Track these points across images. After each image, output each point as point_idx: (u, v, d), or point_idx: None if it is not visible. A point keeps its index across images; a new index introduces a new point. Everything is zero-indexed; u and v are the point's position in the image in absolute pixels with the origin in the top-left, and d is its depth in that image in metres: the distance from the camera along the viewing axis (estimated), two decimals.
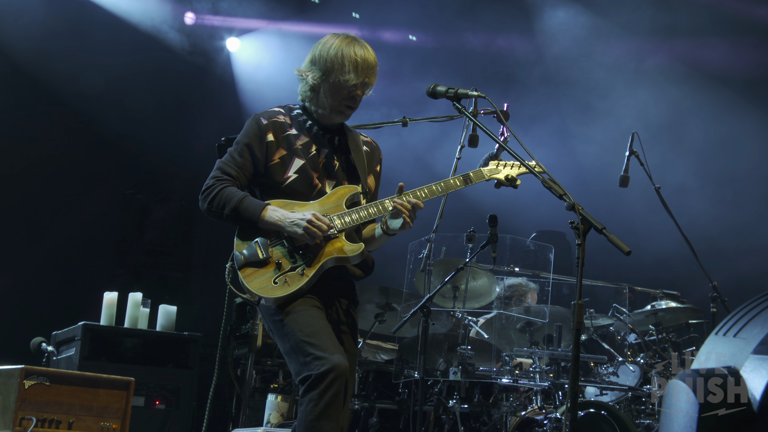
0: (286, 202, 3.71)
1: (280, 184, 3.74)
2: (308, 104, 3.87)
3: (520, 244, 6.77)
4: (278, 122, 3.81)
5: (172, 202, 9.20)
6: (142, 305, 6.59)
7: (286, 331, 3.54)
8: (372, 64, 3.79)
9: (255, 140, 3.76)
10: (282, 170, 3.74)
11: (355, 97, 3.80)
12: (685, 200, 8.60)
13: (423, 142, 9.61)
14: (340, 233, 3.69)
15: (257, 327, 6.18)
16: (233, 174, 3.72)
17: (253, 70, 9.94)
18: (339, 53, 3.74)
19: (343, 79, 3.74)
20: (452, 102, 3.83)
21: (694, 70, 9.36)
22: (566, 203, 3.32)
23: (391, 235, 3.80)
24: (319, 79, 3.78)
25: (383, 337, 7.23)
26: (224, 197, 3.65)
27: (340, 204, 3.74)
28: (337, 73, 3.74)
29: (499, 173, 3.94)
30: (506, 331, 6.60)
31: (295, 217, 3.60)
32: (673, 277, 8.25)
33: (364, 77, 3.77)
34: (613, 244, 3.22)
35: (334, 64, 3.74)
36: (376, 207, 3.73)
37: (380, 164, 4.06)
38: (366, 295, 6.48)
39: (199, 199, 3.72)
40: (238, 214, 3.63)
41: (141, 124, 9.06)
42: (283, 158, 3.76)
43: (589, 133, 9.74)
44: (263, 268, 3.61)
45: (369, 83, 3.82)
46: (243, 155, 3.75)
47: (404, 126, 5.45)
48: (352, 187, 3.80)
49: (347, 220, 3.70)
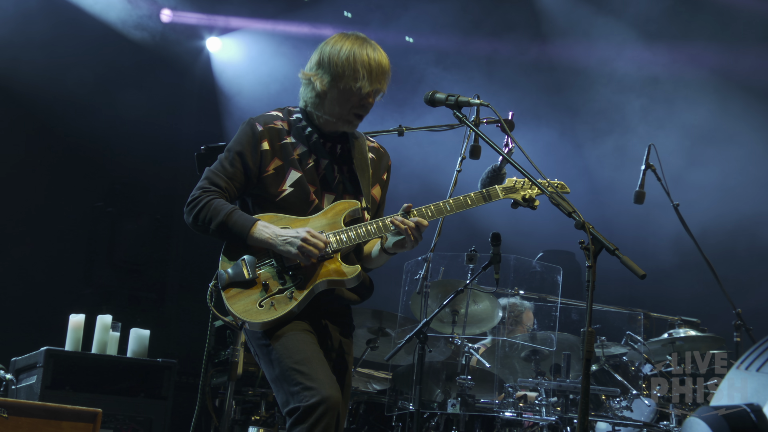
0: (278, 217, 3.70)
1: (274, 197, 3.73)
2: (311, 109, 3.83)
3: (526, 264, 6.79)
4: (275, 129, 3.79)
5: (146, 215, 9.20)
6: (111, 329, 6.58)
7: (274, 356, 3.54)
8: (386, 69, 3.77)
9: (248, 148, 3.73)
10: (277, 183, 3.73)
11: (366, 105, 3.78)
12: (706, 219, 8.63)
13: (420, 152, 9.65)
14: (336, 253, 3.68)
15: (238, 353, 6.17)
16: (222, 185, 3.71)
17: (236, 72, 9.97)
18: (351, 57, 3.69)
19: (355, 86, 3.69)
20: (452, 110, 3.85)
21: (721, 79, 9.41)
22: (575, 221, 3.35)
23: (390, 254, 3.80)
24: (327, 85, 3.73)
25: (375, 365, 7.23)
26: (211, 210, 3.64)
27: (337, 221, 3.73)
28: (348, 80, 3.69)
29: (517, 193, 3.90)
30: (510, 359, 6.61)
31: (287, 234, 3.59)
32: (692, 303, 8.28)
33: (377, 84, 3.74)
34: (626, 266, 3.24)
35: (346, 69, 3.69)
36: (377, 225, 3.72)
37: (388, 172, 4.03)
38: (357, 319, 6.49)
39: (185, 211, 3.71)
40: (226, 229, 3.62)
41: (112, 130, 9.05)
42: (279, 169, 3.74)
43: (601, 145, 9.79)
44: (249, 290, 3.61)
45: (381, 89, 3.79)
46: (234, 164, 3.73)
47: (400, 135, 5.48)
48: (352, 203, 3.78)
49: (344, 239, 3.69)
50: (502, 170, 4.98)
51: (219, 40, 9.96)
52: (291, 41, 9.57)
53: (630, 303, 7.23)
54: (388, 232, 3.72)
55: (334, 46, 3.75)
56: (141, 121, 9.28)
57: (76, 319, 6.51)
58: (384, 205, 4.03)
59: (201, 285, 3.71)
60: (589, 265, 3.24)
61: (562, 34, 9.97)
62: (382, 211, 4.03)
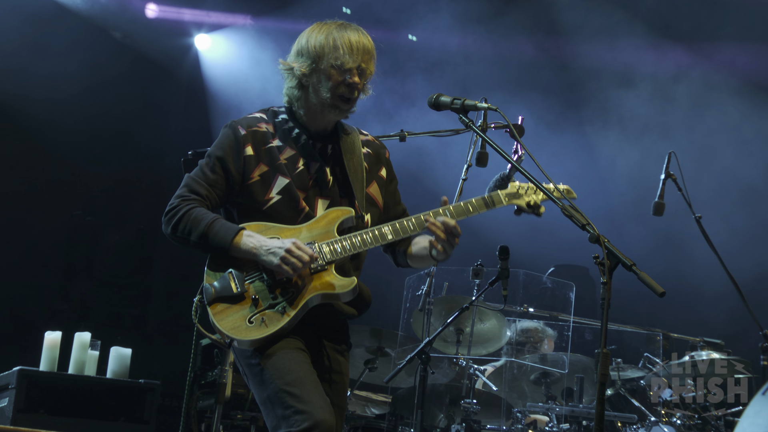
0: (266, 226, 3.69)
1: (261, 205, 3.71)
2: (296, 107, 3.84)
3: (536, 280, 6.80)
4: (259, 132, 3.78)
5: (129, 225, 9.23)
6: (90, 347, 6.57)
7: (264, 377, 3.54)
8: (369, 48, 3.78)
9: (230, 153, 3.73)
10: (263, 190, 3.72)
11: (352, 85, 3.74)
12: (731, 232, 8.64)
13: (422, 159, 9.66)
14: (330, 265, 3.67)
15: (226, 374, 6.17)
16: (203, 193, 3.69)
17: (226, 72, 9.99)
18: (330, 37, 3.73)
19: (336, 63, 3.70)
20: (458, 114, 3.85)
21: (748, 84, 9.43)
22: (590, 234, 3.35)
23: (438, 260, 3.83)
24: (308, 68, 3.74)
25: (374, 387, 7.22)
26: (191, 220, 3.62)
27: (330, 230, 3.72)
28: (328, 58, 3.70)
29: (521, 199, 3.92)
30: (518, 382, 6.61)
31: (272, 244, 3.58)
32: (715, 323, 8.28)
33: (360, 60, 3.73)
34: (644, 283, 3.25)
35: (325, 48, 3.71)
36: (373, 234, 3.72)
37: (388, 166, 4.01)
38: (355, 337, 6.48)
39: (162, 221, 3.69)
40: (207, 240, 3.60)
41: (93, 134, 9.07)
42: (265, 176, 3.73)
43: (618, 153, 9.80)
44: (237, 305, 3.59)
45: (367, 70, 3.78)
46: (215, 170, 3.72)
47: (402, 141, 5.50)
48: (345, 210, 3.77)
49: (338, 249, 3.68)
50: (511, 179, 4.98)
51: (208, 37, 9.99)
52: (288, 39, 9.55)
53: (648, 322, 7.24)
54: (384, 241, 3.72)
55: (312, 32, 3.80)
56: (124, 124, 9.29)
57: (52, 336, 6.50)
58: (397, 200, 4.00)
59: (187, 300, 3.70)
60: (605, 282, 3.24)
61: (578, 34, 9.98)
62: (394, 208, 3.99)
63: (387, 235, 3.72)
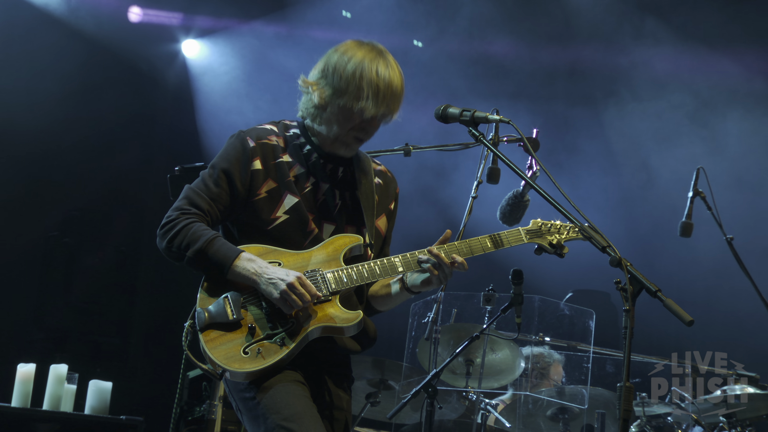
0: (268, 249, 3.69)
1: (266, 224, 3.72)
2: (310, 122, 3.85)
3: (552, 306, 6.81)
4: (269, 145, 3.80)
5: (109, 247, 9.23)
6: (66, 381, 6.58)
7: (260, 412, 3.53)
8: (397, 92, 3.76)
9: (237, 166, 3.73)
10: (269, 208, 3.73)
11: (368, 129, 3.78)
12: (766, 254, 8.65)
13: (429, 175, 9.68)
14: (334, 296, 3.67)
15: (215, 409, 6.18)
16: (204, 207, 3.69)
17: (216, 81, 10.01)
18: (358, 71, 3.69)
19: (357, 107, 3.69)
20: (468, 127, 3.88)
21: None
22: (611, 258, 3.37)
23: (415, 293, 3.80)
24: (327, 99, 3.74)
25: (377, 423, 7.22)
26: (189, 235, 3.61)
27: (336, 257, 3.73)
28: (350, 98, 3.69)
29: (543, 238, 3.92)
30: (534, 418, 6.61)
31: (274, 274, 3.56)
32: (750, 355, 8.27)
33: (384, 107, 3.73)
34: (670, 310, 3.25)
35: (350, 84, 3.68)
36: (383, 264, 3.72)
37: (396, 200, 4.05)
38: (356, 369, 6.42)
39: (157, 234, 3.70)
40: (205, 258, 3.60)
41: (70, 149, 9.09)
42: (273, 192, 3.74)
43: (641, 169, 9.82)
44: (232, 333, 3.58)
45: (390, 114, 3.79)
46: (219, 184, 3.72)
47: (407, 155, 5.51)
48: (354, 237, 3.78)
49: (344, 279, 3.68)
50: (525, 197, 5.01)
51: (197, 42, 10.03)
52: (282, 46, 9.59)
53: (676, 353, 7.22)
54: (395, 274, 3.72)
55: (342, 55, 3.75)
56: (104, 137, 9.30)
57: (25, 369, 6.51)
58: (390, 238, 4.04)
59: (172, 329, 3.70)
60: (627, 309, 3.26)
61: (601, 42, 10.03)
62: (388, 246, 4.03)
63: (397, 267, 3.73)
